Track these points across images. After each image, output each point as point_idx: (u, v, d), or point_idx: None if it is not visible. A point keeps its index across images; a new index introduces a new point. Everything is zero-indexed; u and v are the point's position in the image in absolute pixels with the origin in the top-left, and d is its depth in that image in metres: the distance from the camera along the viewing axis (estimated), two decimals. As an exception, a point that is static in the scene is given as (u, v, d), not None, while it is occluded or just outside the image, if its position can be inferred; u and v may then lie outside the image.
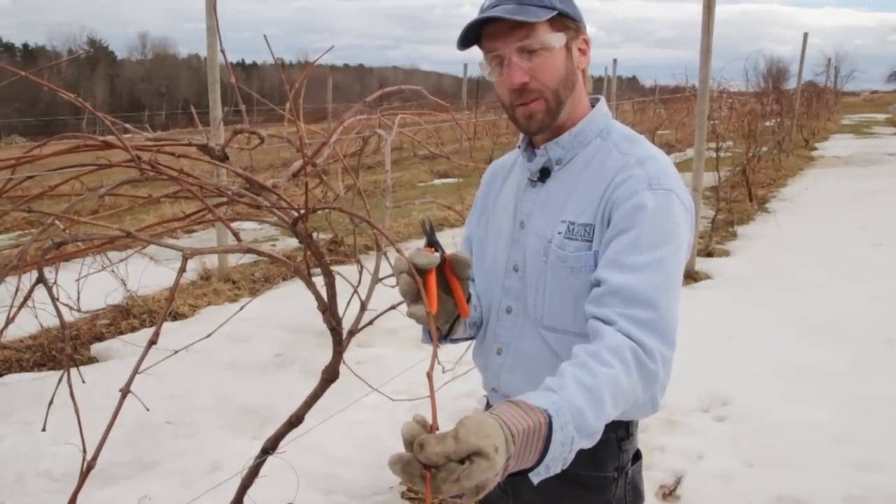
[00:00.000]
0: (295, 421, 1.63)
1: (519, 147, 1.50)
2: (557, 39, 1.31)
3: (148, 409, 1.81)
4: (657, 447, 3.46)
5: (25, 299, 1.28)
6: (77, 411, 1.38)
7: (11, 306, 1.45)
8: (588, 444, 1.05)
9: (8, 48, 61.78)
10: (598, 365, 1.09)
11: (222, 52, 1.63)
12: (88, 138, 1.30)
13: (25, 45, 63.34)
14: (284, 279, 6.93)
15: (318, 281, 1.57)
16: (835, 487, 3.11)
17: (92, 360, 4.96)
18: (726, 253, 7.61)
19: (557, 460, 1.02)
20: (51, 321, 4.96)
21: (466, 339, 1.56)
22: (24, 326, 4.98)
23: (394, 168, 12.26)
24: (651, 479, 3.19)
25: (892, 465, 3.27)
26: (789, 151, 16.27)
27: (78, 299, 4.89)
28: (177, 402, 4.01)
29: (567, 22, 1.33)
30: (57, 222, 1.44)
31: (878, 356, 4.62)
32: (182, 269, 1.17)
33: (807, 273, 6.62)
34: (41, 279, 1.21)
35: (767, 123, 13.35)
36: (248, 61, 63.75)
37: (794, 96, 16.93)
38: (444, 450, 0.86)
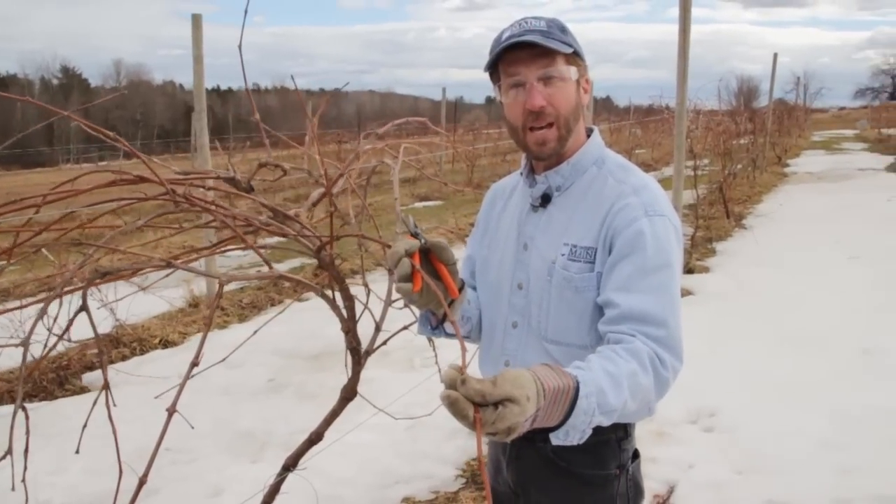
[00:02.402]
0: (315, 438, 1.71)
1: (521, 173, 1.63)
2: (572, 73, 1.46)
3: (193, 427, 1.86)
4: (649, 458, 3.56)
5: (67, 327, 1.35)
6: (115, 433, 1.45)
7: (49, 334, 1.52)
8: (606, 421, 1.18)
9: (-22, 77, 61.07)
10: (620, 359, 1.24)
11: (256, 87, 1.72)
12: (123, 173, 1.39)
13: (-5, 73, 62.74)
14: (272, 305, 6.99)
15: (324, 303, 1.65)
16: (821, 491, 3.23)
17: (84, 390, 4.96)
18: (706, 269, 7.78)
19: (577, 429, 1.15)
20: (41, 352, 4.95)
21: (463, 337, 1.66)
22: (16, 357, 4.97)
23: (374, 192, 12.35)
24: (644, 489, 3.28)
25: (873, 469, 3.40)
26: (763, 168, 16.62)
27: (68, 329, 4.91)
28: (174, 428, 4.02)
29: (578, 60, 1.48)
30: (78, 250, 1.51)
31: (856, 365, 4.78)
32: (219, 296, 1.25)
33: (785, 287, 6.79)
34: (84, 307, 1.29)
35: (741, 141, 13.66)
36: (224, 87, 63.77)
37: (767, 114, 17.31)
38: (481, 388, 1.01)
